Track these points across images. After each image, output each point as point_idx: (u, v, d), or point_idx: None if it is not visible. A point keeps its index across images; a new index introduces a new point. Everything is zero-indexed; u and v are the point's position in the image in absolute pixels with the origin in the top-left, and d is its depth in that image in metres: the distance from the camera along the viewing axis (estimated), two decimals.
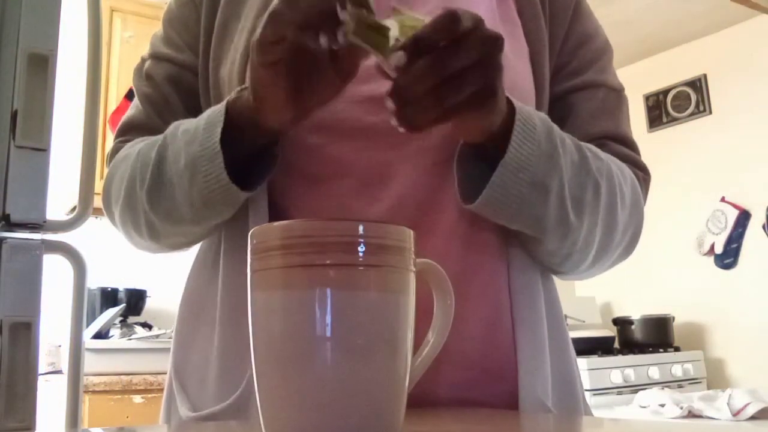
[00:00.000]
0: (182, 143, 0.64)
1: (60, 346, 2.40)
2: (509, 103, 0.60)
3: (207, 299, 0.70)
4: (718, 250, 3.26)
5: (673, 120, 3.46)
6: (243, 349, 0.63)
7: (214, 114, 0.63)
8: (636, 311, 3.27)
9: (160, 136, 0.69)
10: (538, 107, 0.71)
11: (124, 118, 0.80)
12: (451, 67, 0.50)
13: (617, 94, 0.78)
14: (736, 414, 2.19)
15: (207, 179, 0.62)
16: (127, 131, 0.79)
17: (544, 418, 0.63)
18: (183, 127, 0.66)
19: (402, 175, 0.65)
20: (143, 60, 0.80)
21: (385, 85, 0.64)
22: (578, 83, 0.77)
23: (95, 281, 2.55)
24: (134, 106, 0.80)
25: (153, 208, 0.67)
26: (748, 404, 2.21)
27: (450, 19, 0.50)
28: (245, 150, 0.63)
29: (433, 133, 0.65)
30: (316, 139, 0.66)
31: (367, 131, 0.65)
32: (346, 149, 0.66)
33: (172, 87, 0.77)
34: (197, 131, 0.63)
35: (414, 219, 0.64)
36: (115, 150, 0.78)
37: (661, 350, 3.06)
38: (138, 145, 0.72)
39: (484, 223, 0.68)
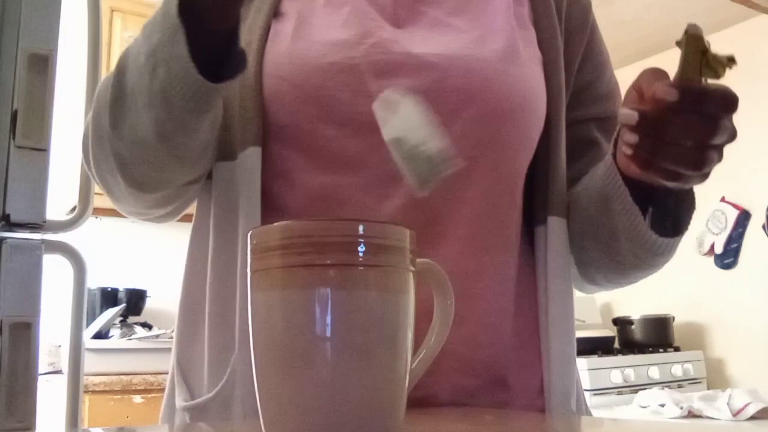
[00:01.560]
0: (143, 39, 0.59)
1: (60, 346, 2.40)
2: None
3: (204, 291, 0.69)
4: (718, 250, 3.26)
5: None
6: (228, 340, 0.63)
7: None
8: (636, 311, 3.27)
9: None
10: (550, 116, 0.71)
11: None
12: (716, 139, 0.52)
13: None
14: (736, 414, 2.19)
15: (168, 65, 0.55)
16: None
17: (543, 417, 0.63)
18: (144, 25, 0.61)
19: None
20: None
21: (401, 82, 0.65)
22: (600, 112, 0.78)
23: (95, 281, 2.55)
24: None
25: (116, 128, 0.61)
26: (748, 404, 2.20)
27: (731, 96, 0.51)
28: (210, 42, 0.57)
29: (449, 133, 0.65)
30: (331, 131, 0.65)
31: None
32: (360, 144, 0.65)
33: None
34: (155, 21, 0.57)
35: (425, 219, 0.64)
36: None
37: (661, 350, 3.06)
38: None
39: (496, 228, 0.69)
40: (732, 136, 0.53)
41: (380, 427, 0.39)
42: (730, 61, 0.51)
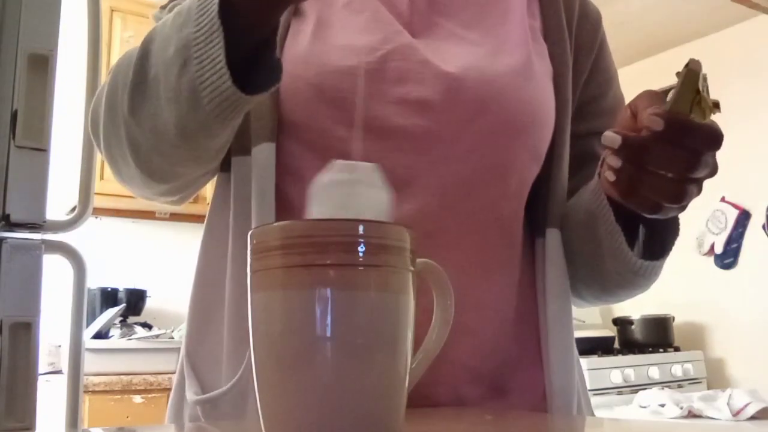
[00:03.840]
0: (173, 29, 0.56)
1: (60, 346, 2.40)
2: None
3: (218, 284, 0.68)
4: (718, 250, 3.26)
5: None
6: (247, 334, 0.63)
7: None
8: (636, 311, 3.27)
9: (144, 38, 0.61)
10: (557, 129, 0.72)
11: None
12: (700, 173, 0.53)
13: None
14: (736, 414, 2.19)
15: (201, 64, 0.53)
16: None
17: (543, 417, 0.63)
18: (173, 13, 0.58)
19: (425, 181, 0.65)
20: (162, 7, 0.74)
21: (416, 90, 0.65)
22: (603, 126, 0.78)
23: (95, 281, 2.55)
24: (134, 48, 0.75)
25: (134, 113, 0.59)
26: (748, 404, 2.21)
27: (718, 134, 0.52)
28: (245, 45, 0.55)
29: (460, 144, 0.65)
30: (344, 132, 0.64)
31: (395, 133, 0.64)
32: (372, 147, 0.64)
33: None
34: (190, 12, 0.55)
35: (435, 227, 0.64)
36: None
37: (661, 350, 3.06)
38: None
39: (503, 239, 0.69)
40: (713, 171, 0.54)
41: (380, 427, 0.39)
42: (715, 106, 0.52)
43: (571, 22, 0.77)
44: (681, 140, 0.51)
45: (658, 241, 0.66)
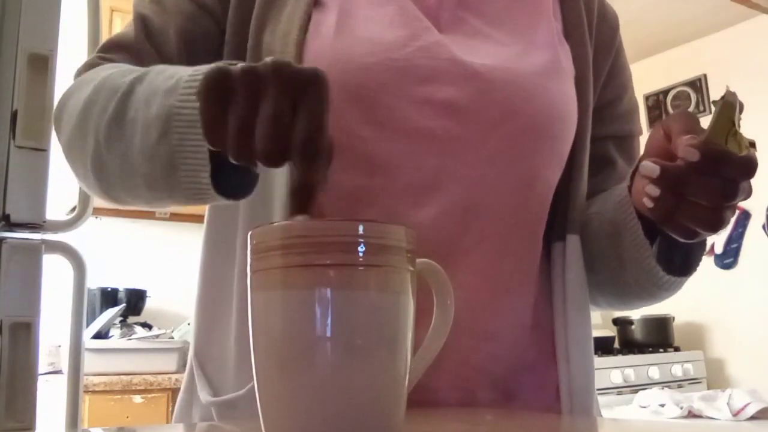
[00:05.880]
0: (161, 84, 0.53)
1: (60, 346, 2.40)
2: None
3: (225, 283, 0.67)
4: (718, 250, 3.26)
5: None
6: None
7: (203, 70, 0.51)
8: (636, 311, 3.27)
9: (139, 68, 0.59)
10: (578, 132, 0.71)
11: (110, 37, 0.72)
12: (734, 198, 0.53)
13: (638, 138, 0.83)
14: (736, 414, 2.19)
15: (182, 144, 0.50)
16: (110, 49, 0.70)
17: (544, 417, 0.63)
18: (172, 69, 0.56)
19: (450, 183, 0.63)
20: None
21: (444, 90, 0.64)
22: (618, 130, 0.79)
23: (95, 281, 2.55)
24: (125, 27, 0.71)
25: (109, 143, 0.56)
26: (748, 404, 2.21)
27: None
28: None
29: (486, 147, 0.64)
30: (367, 132, 0.62)
31: (421, 134, 0.63)
32: (397, 148, 0.63)
33: (181, 24, 0.68)
34: (180, 79, 0.52)
35: (457, 230, 0.63)
36: (89, 65, 0.68)
37: (661, 350, 3.06)
38: (110, 69, 0.62)
39: (525, 242, 0.68)
40: (748, 195, 0.54)
41: (380, 427, 0.39)
42: (752, 145, 0.52)
43: (591, 23, 0.76)
44: (718, 171, 0.51)
45: (680, 253, 0.65)
